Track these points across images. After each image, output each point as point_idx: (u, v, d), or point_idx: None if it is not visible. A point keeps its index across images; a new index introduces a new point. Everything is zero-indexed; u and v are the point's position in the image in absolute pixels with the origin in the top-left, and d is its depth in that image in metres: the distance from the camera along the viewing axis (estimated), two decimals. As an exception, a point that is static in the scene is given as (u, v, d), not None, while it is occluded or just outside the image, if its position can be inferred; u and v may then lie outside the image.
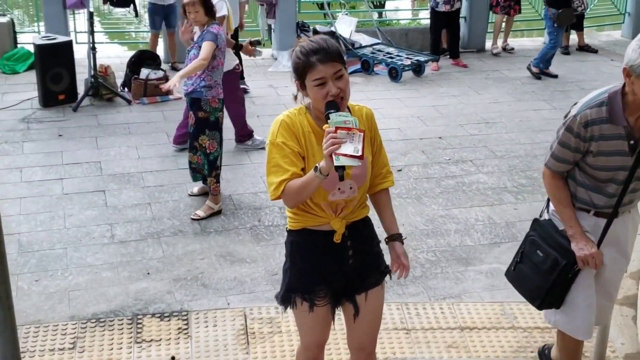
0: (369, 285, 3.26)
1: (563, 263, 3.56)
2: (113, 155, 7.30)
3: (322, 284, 3.19)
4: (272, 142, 3.01)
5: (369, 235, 3.29)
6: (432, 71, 10.48)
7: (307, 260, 3.19)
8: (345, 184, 3.04)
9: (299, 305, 3.22)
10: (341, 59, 2.99)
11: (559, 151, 3.49)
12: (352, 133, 2.79)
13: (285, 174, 2.95)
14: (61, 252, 5.51)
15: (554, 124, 8.23)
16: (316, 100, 2.98)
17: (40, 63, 8.56)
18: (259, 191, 6.55)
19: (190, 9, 5.77)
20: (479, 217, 6.18)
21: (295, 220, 3.16)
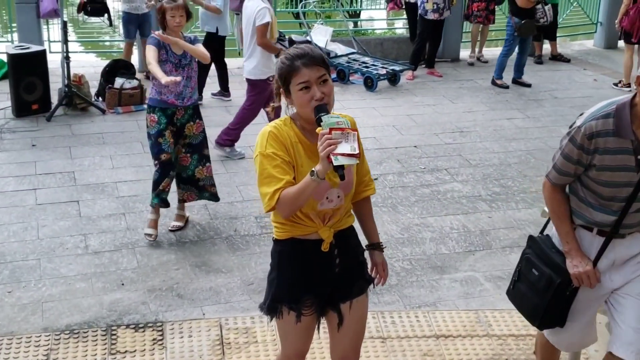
0: (354, 294, 3.26)
1: (557, 281, 3.44)
2: (87, 165, 7.25)
3: (309, 293, 3.18)
4: (262, 153, 2.99)
5: (354, 244, 3.29)
6: (407, 80, 10.53)
7: (295, 270, 3.18)
8: (333, 193, 3.05)
9: (285, 315, 3.21)
10: (325, 65, 3.01)
11: (561, 163, 3.35)
12: (347, 133, 2.81)
13: (279, 183, 2.93)
14: (34, 263, 5.45)
15: (527, 133, 8.39)
16: (301, 105, 2.98)
17: (13, 72, 8.49)
18: (235, 201, 6.53)
19: (175, 12, 5.59)
20: (454, 225, 6.22)
21: (282, 230, 3.15)
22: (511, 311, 4.95)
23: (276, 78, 3.06)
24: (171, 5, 5.60)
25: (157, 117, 5.66)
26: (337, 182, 3.01)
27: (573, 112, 9.26)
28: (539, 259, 3.57)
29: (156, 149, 5.72)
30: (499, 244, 5.93)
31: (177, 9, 5.59)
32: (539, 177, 7.25)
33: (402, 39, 11.93)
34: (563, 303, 3.50)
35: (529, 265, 3.62)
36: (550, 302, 3.48)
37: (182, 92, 5.66)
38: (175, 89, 5.60)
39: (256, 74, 7.33)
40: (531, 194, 6.87)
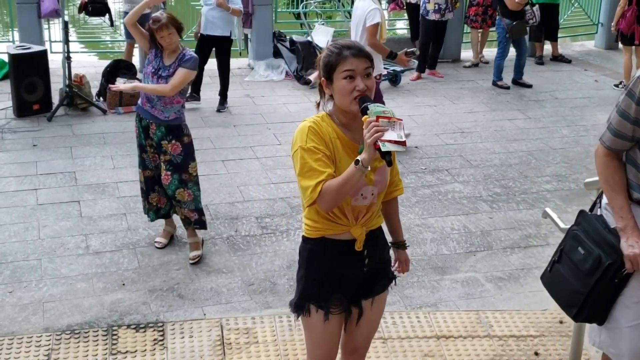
0: (377, 291, 3.29)
1: (607, 263, 3.01)
2: (88, 165, 7.25)
3: (338, 292, 3.19)
4: (302, 147, 2.98)
5: (382, 243, 3.31)
6: (410, 81, 10.53)
7: (325, 269, 3.18)
8: (368, 190, 3.06)
9: (313, 313, 3.21)
10: (372, 61, 3.04)
11: (616, 122, 2.97)
12: (393, 122, 2.81)
13: (322, 176, 2.92)
14: (35, 263, 5.46)
15: (528, 134, 8.39)
16: (342, 94, 2.98)
17: (14, 73, 8.49)
18: (236, 201, 6.53)
19: (163, 32, 5.23)
20: (455, 226, 6.22)
21: (313, 228, 3.14)
22: (512, 312, 4.96)
23: (321, 66, 3.06)
24: (156, 27, 5.25)
25: (136, 126, 5.49)
26: (372, 179, 3.05)
27: (574, 112, 9.27)
28: (588, 236, 3.14)
29: (140, 161, 5.60)
30: (499, 244, 5.93)
31: (162, 29, 5.22)
32: (540, 177, 7.25)
33: (403, 40, 11.92)
34: (610, 291, 3.04)
35: (575, 243, 3.19)
36: (595, 288, 3.04)
37: (153, 100, 5.32)
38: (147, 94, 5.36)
39: None
40: (532, 194, 6.86)
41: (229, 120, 8.59)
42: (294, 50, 10.78)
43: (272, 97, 9.64)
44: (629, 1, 10.09)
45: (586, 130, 8.67)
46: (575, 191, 6.88)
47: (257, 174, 7.10)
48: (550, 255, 5.67)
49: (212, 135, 8.02)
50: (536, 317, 4.91)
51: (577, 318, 3.23)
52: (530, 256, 5.77)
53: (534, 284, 5.35)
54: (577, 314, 3.17)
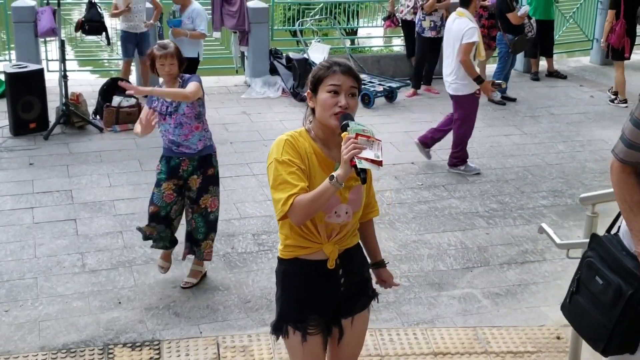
0: (357, 310, 3.28)
1: (629, 293, 2.73)
2: (84, 183, 7.25)
3: (314, 312, 3.17)
4: (277, 159, 2.99)
5: (360, 262, 3.30)
6: (405, 97, 10.56)
7: (299, 290, 3.18)
8: (342, 208, 3.06)
9: (291, 335, 3.20)
10: (359, 82, 3.07)
11: (630, 132, 2.72)
12: (372, 141, 2.84)
13: (294, 189, 2.92)
14: (31, 281, 5.44)
15: (524, 149, 8.40)
16: (324, 107, 3.00)
17: (10, 91, 8.50)
18: (232, 218, 6.53)
19: (165, 61, 5.05)
20: (452, 242, 6.21)
21: (288, 248, 3.14)
22: (509, 328, 4.95)
23: (309, 78, 3.10)
24: (160, 53, 5.06)
25: (161, 167, 5.29)
26: (347, 197, 3.05)
27: (570, 128, 9.30)
28: (605, 263, 2.88)
29: (150, 196, 5.39)
30: (496, 260, 5.93)
31: (165, 57, 5.05)
32: (536, 193, 7.26)
33: (399, 56, 11.97)
34: (637, 320, 2.76)
35: (592, 272, 2.92)
36: (620, 320, 2.77)
37: (175, 141, 5.17)
38: (168, 137, 5.17)
39: (462, 89, 7.47)
40: (528, 210, 6.87)
41: (226, 137, 8.59)
42: (291, 67, 10.82)
43: (268, 114, 9.66)
44: (616, 15, 10.17)
45: (582, 145, 8.69)
46: (571, 207, 6.88)
47: (253, 191, 7.10)
48: (548, 271, 5.71)
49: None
50: (533, 333, 4.90)
51: (607, 353, 2.93)
52: (527, 272, 5.76)
53: (530, 299, 5.35)
54: (605, 349, 2.89)
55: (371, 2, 13.86)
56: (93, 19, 9.68)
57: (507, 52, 10.27)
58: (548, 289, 5.51)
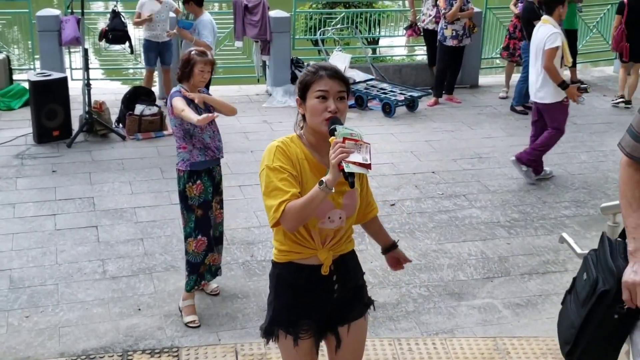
0: (352, 317, 3.26)
1: (601, 290, 2.56)
2: (106, 190, 7.30)
3: (306, 317, 3.17)
4: (268, 166, 3.01)
5: (354, 269, 3.30)
6: (427, 107, 10.53)
7: (292, 294, 3.18)
8: (335, 214, 3.06)
9: (282, 339, 3.21)
10: (347, 84, 3.07)
11: (637, 123, 2.62)
12: (360, 144, 2.84)
13: (285, 195, 2.94)
14: (52, 288, 5.48)
15: (547, 159, 8.33)
16: (313, 113, 3.01)
17: (34, 99, 8.59)
18: (252, 226, 6.54)
19: (205, 67, 5.03)
20: (472, 251, 6.18)
21: (282, 252, 3.15)
22: (529, 338, 4.91)
23: (297, 84, 3.11)
24: (203, 59, 5.02)
25: (203, 184, 5.02)
26: (340, 202, 3.05)
27: (592, 138, 9.22)
28: (597, 260, 2.73)
29: (204, 224, 5.07)
30: (517, 270, 5.88)
31: (207, 64, 5.05)
32: (558, 203, 7.20)
33: (420, 66, 11.96)
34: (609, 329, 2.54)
35: (583, 269, 2.80)
36: (587, 318, 2.57)
37: (219, 145, 5.10)
38: (215, 142, 5.05)
39: (548, 97, 7.46)
40: (550, 220, 6.81)
41: (247, 146, 8.62)
42: (312, 76, 10.82)
43: (289, 123, 9.51)
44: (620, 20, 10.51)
45: (605, 155, 8.61)
46: (594, 217, 6.82)
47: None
48: (569, 281, 5.61)
49: (230, 161, 8.04)
50: (554, 344, 4.84)
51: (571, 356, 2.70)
52: (549, 282, 5.71)
53: (551, 310, 5.30)
54: (570, 353, 2.69)
55: (393, 12, 13.87)
56: (117, 28, 9.76)
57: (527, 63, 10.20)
58: (569, 300, 5.45)
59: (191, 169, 4.98)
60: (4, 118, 9.52)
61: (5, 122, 9.36)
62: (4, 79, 10.25)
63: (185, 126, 4.94)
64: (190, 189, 5.00)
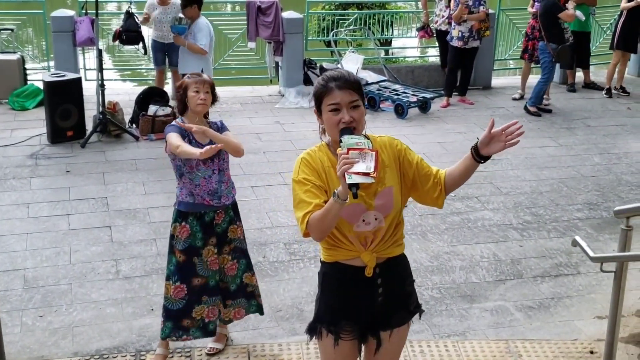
0: (395, 324, 3.27)
1: None
2: (120, 191, 7.34)
3: (348, 318, 3.19)
4: (294, 179, 3.09)
5: (401, 274, 3.28)
6: (440, 108, 10.52)
7: (336, 293, 3.21)
8: (370, 215, 3.07)
9: (324, 337, 3.23)
10: (359, 90, 3.07)
11: None
12: (364, 153, 2.85)
13: (308, 207, 2.99)
14: (66, 287, 5.51)
15: (560, 161, 8.33)
16: (329, 126, 3.04)
17: (49, 100, 8.65)
18: (264, 227, 6.56)
19: (200, 87, 4.38)
20: (484, 253, 6.17)
21: (327, 253, 3.19)
22: (542, 341, 4.91)
23: (312, 96, 3.14)
24: (195, 79, 4.40)
25: (190, 228, 4.49)
26: (372, 204, 3.05)
27: (606, 140, 9.19)
28: None
29: (185, 270, 4.50)
30: (530, 273, 5.87)
31: (202, 83, 4.39)
32: (571, 205, 7.19)
33: (433, 67, 11.95)
34: None
35: None
36: None
37: (217, 190, 4.47)
38: (208, 186, 4.44)
39: None
40: (563, 222, 6.80)
41: (259, 147, 8.64)
42: (324, 77, 10.84)
43: (302, 124, 9.68)
44: None
45: (618, 158, 8.58)
46: (607, 219, 6.80)
47: (285, 200, 7.12)
48: (582, 284, 5.65)
49: (242, 162, 8.05)
50: (566, 347, 4.84)
51: None
52: (561, 285, 5.70)
53: (564, 313, 5.30)
54: None
55: (406, 13, 13.86)
56: (130, 28, 9.78)
57: (550, 61, 10.16)
58: (582, 303, 5.44)
59: (178, 208, 4.54)
60: (19, 118, 9.58)
61: (20, 122, 9.42)
62: (19, 79, 10.30)
63: (177, 162, 4.47)
64: (175, 229, 4.54)
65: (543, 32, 10.15)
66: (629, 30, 11.20)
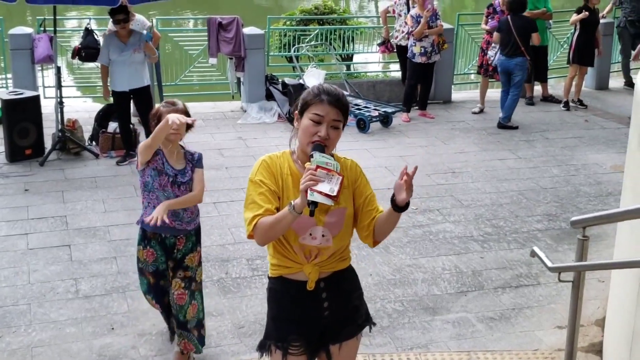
0: (344, 337, 3.27)
1: None
2: (79, 209, 7.25)
3: (295, 333, 3.19)
4: (251, 179, 3.11)
5: (347, 288, 3.29)
6: (402, 122, 10.59)
7: (282, 309, 3.22)
8: (317, 230, 3.08)
9: (273, 353, 3.23)
10: (345, 114, 3.11)
11: None
12: (331, 175, 2.88)
13: (259, 210, 3.01)
14: (25, 308, 5.43)
15: (519, 173, 8.44)
16: (304, 133, 3.05)
17: (6, 118, 8.54)
18: (227, 243, 6.53)
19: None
20: (446, 266, 6.21)
21: (273, 267, 3.20)
22: (503, 352, 4.94)
23: (300, 100, 3.15)
24: (168, 109, 4.46)
25: (155, 252, 4.57)
26: (322, 220, 3.06)
27: (564, 152, 9.33)
28: None
29: (156, 291, 4.72)
30: (491, 284, 5.92)
31: (181, 112, 4.47)
32: (530, 217, 7.27)
33: (394, 82, 12.04)
34: None
35: None
36: None
37: (179, 214, 4.54)
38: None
39: None
40: (523, 234, 6.87)
41: (221, 163, 8.62)
42: (286, 92, 10.87)
43: (264, 139, 9.68)
44: None
45: (577, 169, 8.71)
46: (566, 230, 6.89)
47: None
48: (542, 295, 5.71)
49: (205, 177, 8.03)
50: (527, 357, 4.88)
51: None
52: (522, 296, 5.76)
53: (524, 323, 5.35)
54: None
55: (366, 29, 13.95)
56: (89, 45, 9.67)
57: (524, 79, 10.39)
58: (542, 313, 5.50)
59: (142, 227, 4.58)
60: (-24, 137, 9.42)
61: (-23, 140, 9.27)
62: (-24, 97, 10.15)
63: (145, 178, 4.50)
64: (141, 253, 4.62)
65: (523, 48, 10.24)
66: (583, 44, 11.40)
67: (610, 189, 8.05)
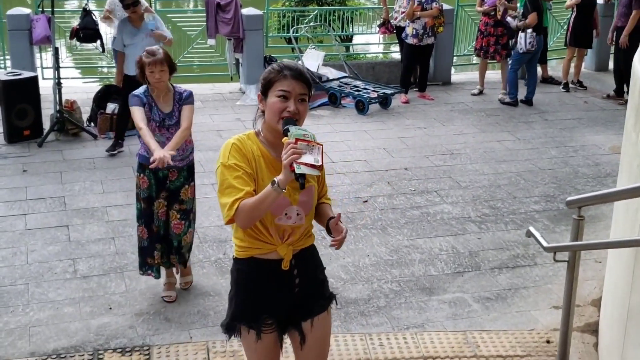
0: (315, 312, 3.28)
1: None
2: (77, 190, 7.26)
3: (267, 312, 3.20)
4: (223, 164, 3.05)
5: (315, 263, 3.33)
6: (401, 103, 10.57)
7: (253, 289, 3.20)
8: (292, 210, 3.09)
9: (244, 334, 3.23)
10: (310, 87, 3.11)
11: None
12: (312, 145, 2.89)
13: (239, 193, 2.98)
14: (23, 288, 5.44)
15: (518, 155, 8.44)
16: (272, 112, 3.04)
17: (4, 99, 8.52)
18: (224, 224, 6.52)
19: (155, 68, 4.93)
20: (443, 246, 6.23)
21: (242, 249, 3.17)
22: (499, 332, 4.97)
23: (260, 81, 3.13)
24: (149, 60, 4.93)
25: (148, 180, 5.13)
26: (297, 199, 3.08)
27: (563, 134, 9.32)
28: None
29: (146, 216, 5.20)
30: (487, 265, 5.94)
31: (155, 64, 4.92)
32: (528, 198, 7.28)
33: (393, 63, 12.00)
34: None
35: None
36: None
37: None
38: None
39: None
40: (520, 215, 6.88)
41: (219, 144, 8.53)
42: (285, 74, 10.83)
43: (262, 121, 9.66)
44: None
45: (575, 151, 8.71)
46: (563, 211, 6.89)
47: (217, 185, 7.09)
48: (538, 275, 5.73)
49: (203, 159, 8.02)
50: (523, 337, 4.90)
51: None
52: (518, 276, 5.77)
53: (521, 304, 5.37)
54: None
55: (366, 9, 13.90)
56: (87, 26, 9.64)
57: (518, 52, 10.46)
58: (538, 293, 5.52)
59: (138, 159, 5.18)
60: (-26, 118, 9.41)
61: (-25, 121, 9.27)
62: (-26, 78, 10.13)
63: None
64: (138, 179, 5.21)
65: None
66: (580, 26, 11.33)
67: (608, 170, 8.05)
